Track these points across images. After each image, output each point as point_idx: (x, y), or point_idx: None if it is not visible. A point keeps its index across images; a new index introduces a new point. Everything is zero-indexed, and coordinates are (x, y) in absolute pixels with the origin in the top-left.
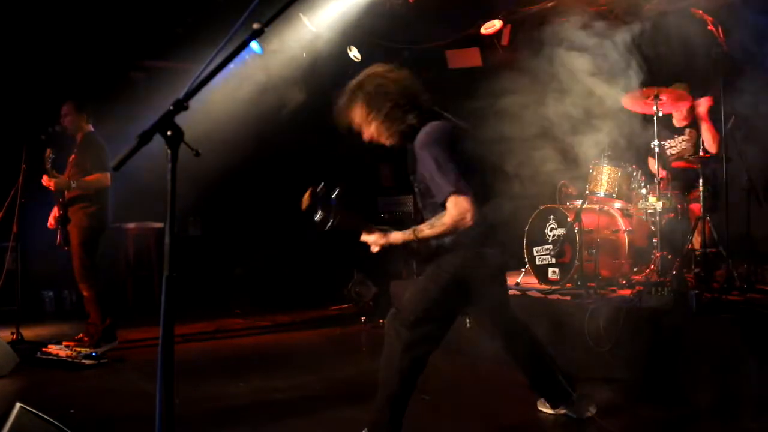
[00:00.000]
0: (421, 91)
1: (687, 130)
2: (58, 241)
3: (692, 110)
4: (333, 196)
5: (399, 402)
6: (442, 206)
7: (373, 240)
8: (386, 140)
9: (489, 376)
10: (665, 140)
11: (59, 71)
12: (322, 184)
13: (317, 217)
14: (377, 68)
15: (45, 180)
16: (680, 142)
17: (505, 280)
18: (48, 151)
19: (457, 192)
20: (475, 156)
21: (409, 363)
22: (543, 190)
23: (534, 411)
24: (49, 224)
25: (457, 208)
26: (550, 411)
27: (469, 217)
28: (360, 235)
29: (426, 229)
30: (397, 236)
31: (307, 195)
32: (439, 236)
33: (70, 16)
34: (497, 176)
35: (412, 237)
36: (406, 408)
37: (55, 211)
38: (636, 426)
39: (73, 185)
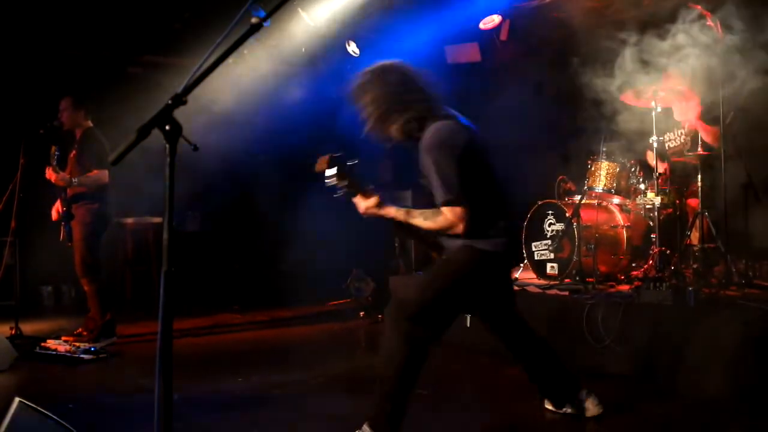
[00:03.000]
0: (431, 90)
1: (688, 124)
2: (61, 237)
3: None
4: (348, 165)
5: (399, 397)
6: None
7: (366, 205)
8: (388, 135)
9: (488, 370)
10: (665, 133)
11: (57, 66)
12: (340, 153)
13: (328, 182)
14: (386, 62)
15: (49, 173)
16: (680, 136)
17: (511, 280)
18: (53, 148)
19: (453, 202)
20: (485, 159)
21: (409, 356)
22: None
23: (534, 406)
24: (52, 216)
25: (452, 215)
26: (555, 410)
27: (461, 227)
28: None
29: (418, 217)
30: (389, 211)
31: (324, 160)
32: (425, 229)
33: (68, 10)
34: (508, 178)
35: (402, 218)
36: (407, 402)
37: (58, 205)
38: (634, 421)
39: (75, 182)
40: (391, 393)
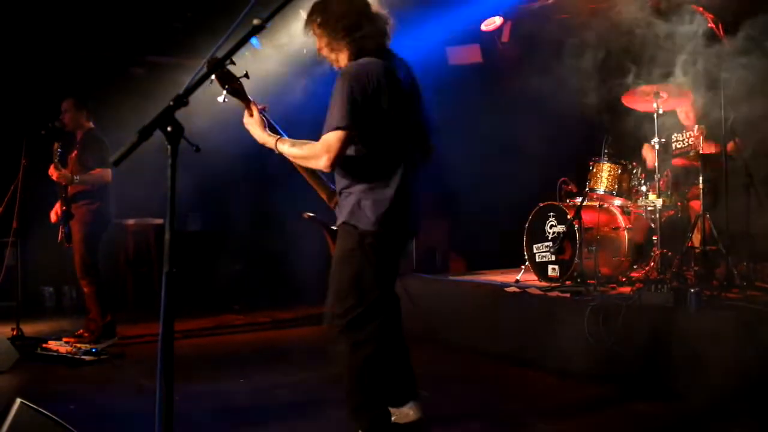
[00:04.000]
0: (386, 31)
1: (696, 127)
2: (59, 238)
3: (698, 108)
4: (237, 77)
5: (376, 397)
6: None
7: (246, 121)
8: (334, 62)
9: (488, 370)
10: (673, 133)
11: (59, 66)
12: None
13: (210, 81)
14: None
15: (51, 169)
16: (688, 138)
17: (397, 264)
18: (56, 144)
19: (329, 128)
20: (399, 108)
21: (366, 360)
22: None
23: (534, 404)
24: (51, 219)
25: (323, 143)
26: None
27: (325, 159)
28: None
29: (287, 145)
30: (261, 135)
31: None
32: (292, 159)
33: (69, 11)
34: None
35: (272, 145)
36: (383, 407)
37: (57, 207)
38: (635, 422)
39: (77, 179)
40: (365, 401)
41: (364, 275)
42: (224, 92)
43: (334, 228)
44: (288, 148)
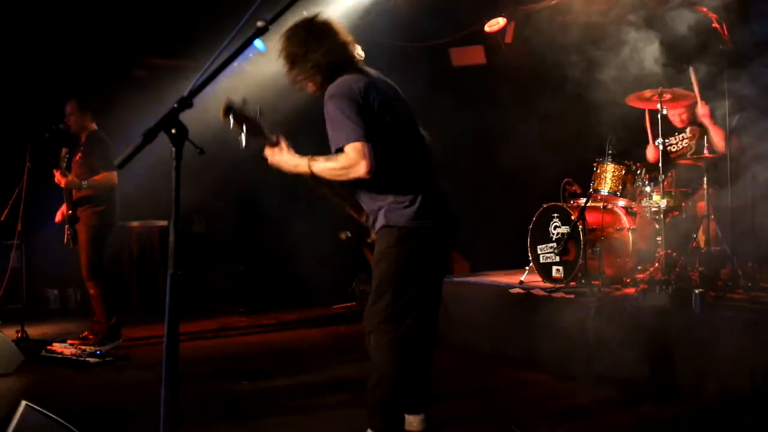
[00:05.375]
0: (348, 45)
1: (688, 128)
2: (65, 240)
3: (691, 112)
4: (254, 116)
5: (390, 406)
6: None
7: (269, 155)
8: (309, 89)
9: (492, 372)
10: (667, 137)
11: (62, 69)
12: (243, 99)
13: (232, 126)
14: (307, 17)
15: (57, 176)
16: (681, 140)
17: (443, 262)
18: (63, 150)
19: (352, 139)
20: (393, 115)
21: (396, 360)
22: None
23: (538, 406)
24: (56, 219)
25: (353, 151)
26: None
27: (363, 165)
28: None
29: (321, 161)
30: (292, 161)
31: (223, 107)
32: (328, 174)
33: (73, 13)
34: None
35: (305, 167)
36: (400, 411)
37: (63, 208)
38: (640, 424)
39: (84, 185)
40: (386, 399)
41: (401, 271)
42: (243, 134)
43: (370, 241)
44: (323, 163)
